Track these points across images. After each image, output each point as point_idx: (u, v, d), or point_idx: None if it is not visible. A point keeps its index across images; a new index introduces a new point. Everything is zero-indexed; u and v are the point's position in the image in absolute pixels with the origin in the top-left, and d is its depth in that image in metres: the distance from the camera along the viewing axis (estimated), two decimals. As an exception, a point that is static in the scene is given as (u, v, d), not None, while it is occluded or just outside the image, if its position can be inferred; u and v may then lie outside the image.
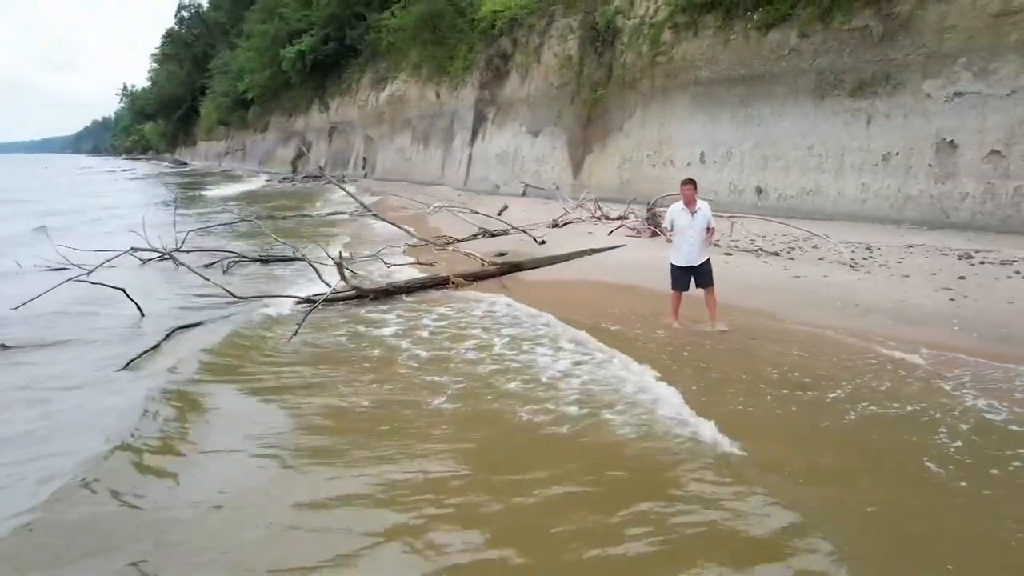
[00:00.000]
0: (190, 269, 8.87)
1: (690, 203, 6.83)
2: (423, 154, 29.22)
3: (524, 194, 20.35)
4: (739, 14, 14.07)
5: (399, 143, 31.85)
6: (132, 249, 9.32)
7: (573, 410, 4.89)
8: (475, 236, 13.11)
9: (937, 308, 7.17)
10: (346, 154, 38.62)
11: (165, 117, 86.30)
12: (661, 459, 4.17)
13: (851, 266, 8.96)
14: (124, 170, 59.50)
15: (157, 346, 6.35)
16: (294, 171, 44.61)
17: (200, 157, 75.37)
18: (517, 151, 21.54)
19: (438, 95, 27.55)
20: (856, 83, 12.08)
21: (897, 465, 4.08)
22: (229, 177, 45.76)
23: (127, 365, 5.86)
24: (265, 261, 10.98)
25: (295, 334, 6.61)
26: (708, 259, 6.95)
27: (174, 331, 6.74)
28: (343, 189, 12.26)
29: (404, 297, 8.47)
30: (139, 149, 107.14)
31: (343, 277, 7.57)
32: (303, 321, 6.79)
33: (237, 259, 10.56)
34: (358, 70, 36.73)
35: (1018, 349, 6.09)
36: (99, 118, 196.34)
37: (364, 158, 35.97)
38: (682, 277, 6.95)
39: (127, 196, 31.03)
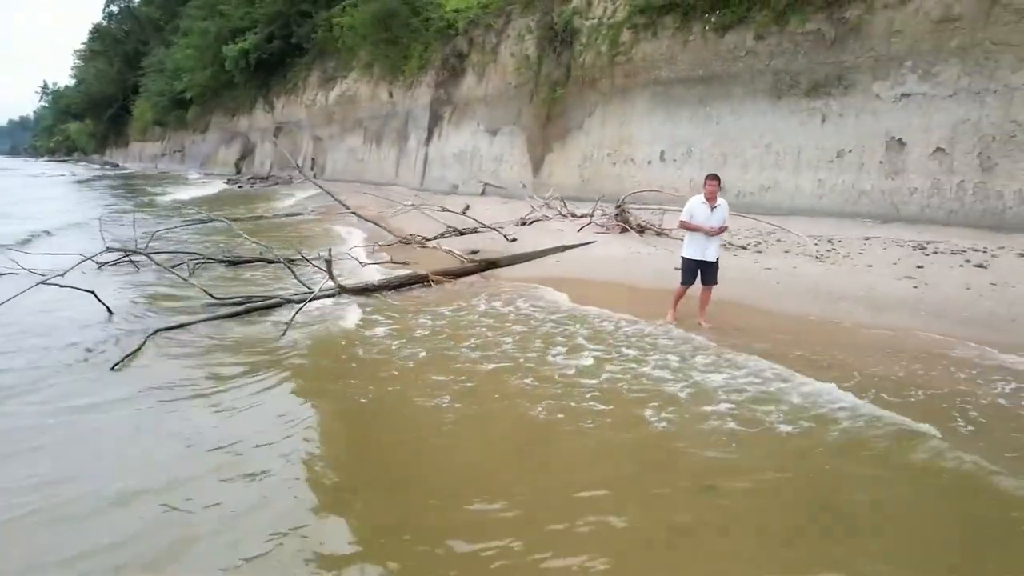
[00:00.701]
0: (167, 270, 8.56)
1: (712, 198, 6.82)
2: (376, 154, 28.87)
3: (483, 193, 20.36)
4: (697, 16, 14.47)
5: (350, 143, 31.36)
6: (107, 249, 8.90)
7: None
8: (443, 235, 13.07)
9: (903, 295, 7.61)
10: (293, 155, 37.66)
11: (94, 117, 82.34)
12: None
13: (817, 258, 9.38)
14: (72, 173, 55.30)
15: (139, 349, 6.11)
16: (238, 172, 43.40)
17: (133, 159, 72.11)
18: (475, 150, 21.55)
19: (391, 94, 27.27)
20: (810, 84, 12.62)
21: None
22: (174, 180, 43.61)
23: (115, 367, 5.63)
24: (232, 263, 10.64)
25: (283, 333, 6.51)
26: (718, 257, 7.01)
27: (155, 332, 6.48)
28: (320, 187, 12.10)
29: (385, 294, 8.41)
30: (63, 150, 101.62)
31: (331, 276, 7.44)
32: (291, 320, 6.67)
33: (204, 261, 10.21)
34: (304, 69, 36.01)
35: (981, 331, 6.53)
36: (16, 117, 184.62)
37: (312, 159, 35.26)
38: (693, 271, 6.92)
39: (77, 200, 28.90)
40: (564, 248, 10.94)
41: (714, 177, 6.94)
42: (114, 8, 74.59)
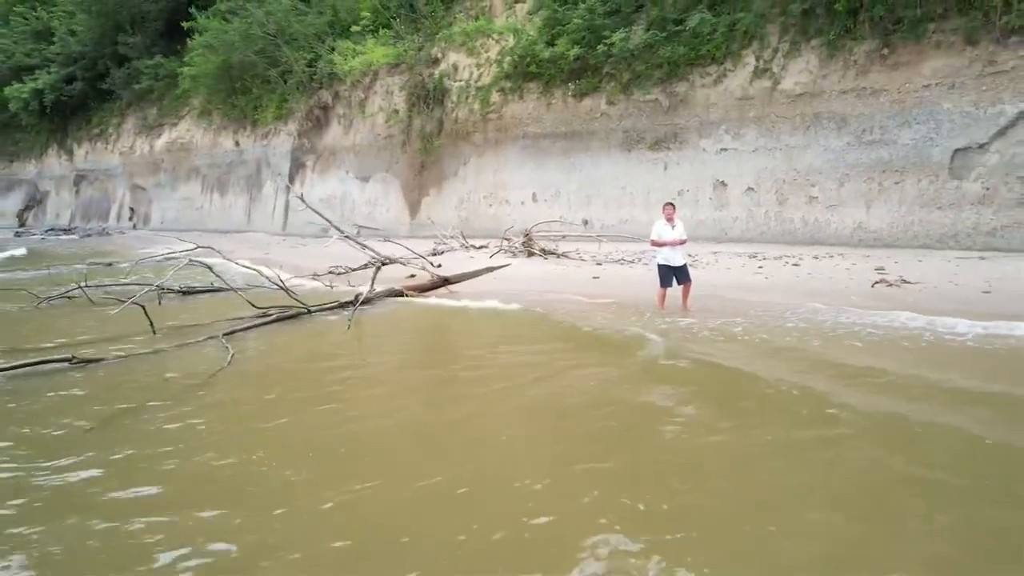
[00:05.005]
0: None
1: (670, 219, 8.96)
2: (219, 202, 28.34)
3: (358, 235, 21.52)
4: (557, 84, 17.73)
5: (185, 192, 30.21)
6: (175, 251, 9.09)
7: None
8: (367, 265, 14.37)
9: (764, 284, 10.88)
10: (102, 205, 34.90)
11: None
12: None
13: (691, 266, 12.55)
14: None
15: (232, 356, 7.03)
16: (22, 225, 38.59)
17: None
18: (346, 196, 22.72)
19: (237, 143, 27.22)
20: (654, 140, 16.34)
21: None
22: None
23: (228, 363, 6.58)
24: (186, 292, 11.06)
25: (348, 328, 7.80)
26: (685, 262, 9.20)
27: (224, 335, 7.39)
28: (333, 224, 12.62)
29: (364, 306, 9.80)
30: None
31: (372, 284, 8.77)
32: (352, 316, 7.97)
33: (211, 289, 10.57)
34: (117, 115, 33.87)
35: (819, 298, 9.88)
36: None
37: (132, 208, 32.98)
38: (669, 275, 8.98)
39: None
40: (492, 269, 13.00)
41: (670, 204, 9.28)
42: None
